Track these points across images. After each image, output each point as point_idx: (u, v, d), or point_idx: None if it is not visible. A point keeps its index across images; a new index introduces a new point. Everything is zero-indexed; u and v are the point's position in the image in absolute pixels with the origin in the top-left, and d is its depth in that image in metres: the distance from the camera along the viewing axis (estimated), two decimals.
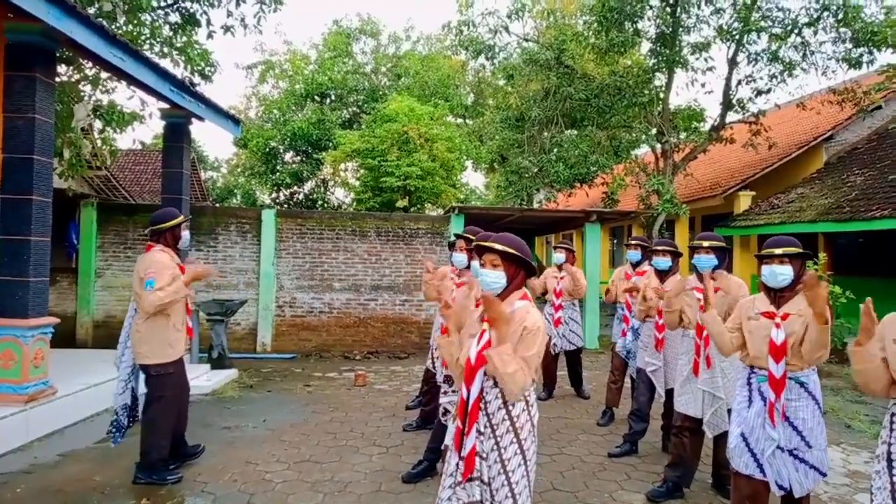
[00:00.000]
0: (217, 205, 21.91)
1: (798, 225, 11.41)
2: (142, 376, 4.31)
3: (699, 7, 12.02)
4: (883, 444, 2.59)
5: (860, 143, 13.88)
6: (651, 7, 11.84)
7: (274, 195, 21.59)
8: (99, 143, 11.21)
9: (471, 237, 4.10)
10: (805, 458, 3.14)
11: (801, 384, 3.19)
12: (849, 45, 11.42)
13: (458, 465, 2.54)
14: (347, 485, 4.28)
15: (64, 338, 8.53)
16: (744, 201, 14.05)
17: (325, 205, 21.50)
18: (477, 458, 2.49)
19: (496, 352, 2.44)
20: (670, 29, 11.85)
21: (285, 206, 20.94)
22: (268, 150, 20.28)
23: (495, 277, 2.59)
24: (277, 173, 20.59)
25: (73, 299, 9.48)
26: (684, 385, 4.24)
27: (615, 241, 21.63)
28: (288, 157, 21.39)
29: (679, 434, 4.20)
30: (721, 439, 4.22)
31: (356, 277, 10.18)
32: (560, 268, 6.86)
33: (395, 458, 4.83)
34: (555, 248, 7.01)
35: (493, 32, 12.98)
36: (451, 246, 6.29)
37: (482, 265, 2.65)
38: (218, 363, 7.88)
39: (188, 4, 10.75)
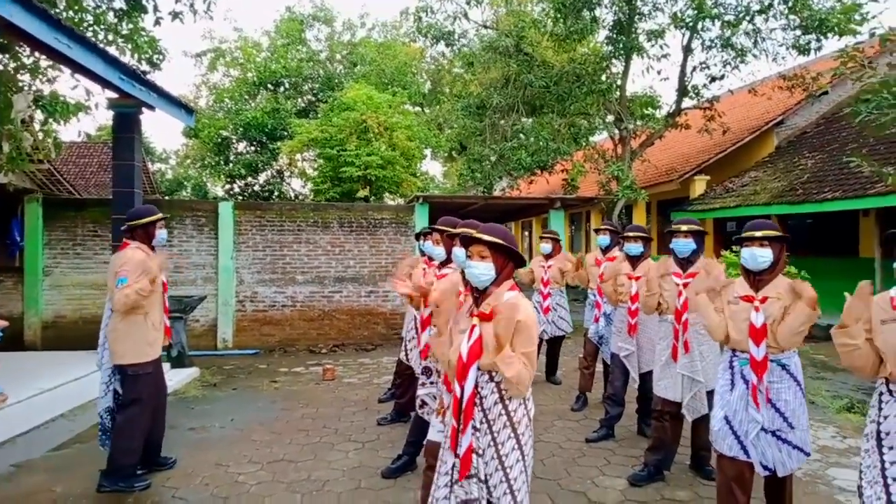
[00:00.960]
0: (167, 198, 21.14)
1: (753, 208, 11.72)
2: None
3: None
4: (872, 422, 2.63)
5: (809, 127, 14.33)
6: None
7: (227, 187, 20.99)
8: (41, 135, 10.65)
9: (447, 228, 3.99)
10: (788, 438, 3.18)
11: (783, 366, 3.22)
12: (798, 32, 11.73)
13: (454, 464, 2.46)
14: (325, 483, 4.16)
15: (11, 340, 8.07)
16: (699, 186, 14.35)
17: (282, 196, 21.03)
18: (474, 456, 2.42)
19: (500, 359, 2.37)
20: (626, 16, 11.95)
21: (240, 197, 20.40)
22: (220, 140, 19.68)
23: (484, 269, 2.51)
24: (231, 164, 20.02)
25: (20, 300, 8.99)
26: (663, 370, 4.26)
27: (574, 228, 21.90)
28: (241, 147, 20.81)
29: (660, 418, 4.22)
30: (700, 422, 4.26)
31: (319, 269, 9.97)
32: (547, 257, 6.87)
33: (372, 454, 4.72)
34: (541, 237, 7.03)
35: (453, 18, 12.86)
36: (419, 236, 6.22)
37: (469, 257, 2.56)
38: (178, 362, 7.60)
39: None
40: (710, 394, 4.23)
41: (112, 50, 9.38)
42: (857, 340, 2.59)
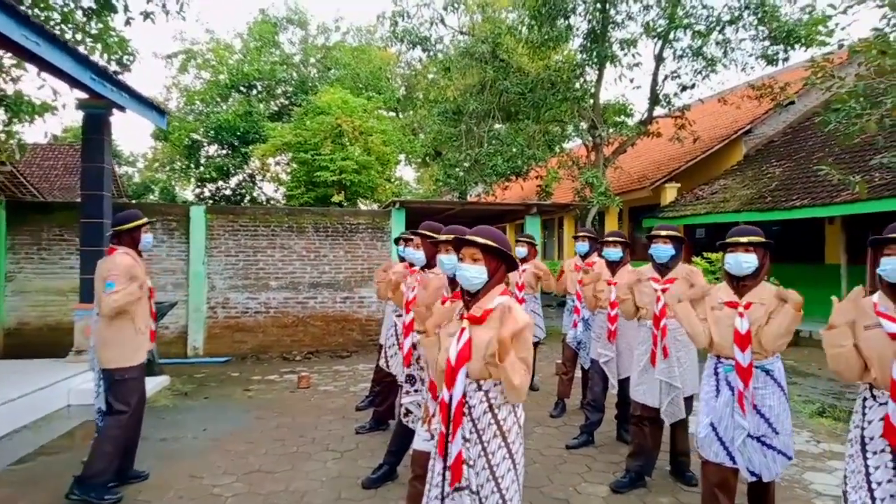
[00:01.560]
0: (134, 201, 20.68)
1: (723, 215, 11.94)
2: None
3: (627, 3, 12.32)
4: (856, 427, 2.65)
5: (776, 136, 14.68)
6: (583, 3, 12.02)
7: (198, 191, 20.61)
8: (3, 136, 10.32)
9: (430, 234, 3.94)
10: (773, 443, 3.20)
11: (767, 372, 3.25)
12: (766, 43, 12.03)
13: (444, 473, 2.40)
14: (304, 495, 4.06)
15: None
16: (670, 193, 14.58)
17: (253, 200, 20.73)
18: (464, 467, 2.37)
19: (509, 363, 2.31)
20: (600, 25, 12.09)
21: (211, 201, 20.05)
22: (190, 143, 19.31)
23: (476, 272, 2.47)
24: (201, 168, 19.66)
25: None
26: (642, 375, 4.27)
27: (546, 233, 22.03)
28: (212, 150, 20.46)
29: (638, 424, 4.23)
30: (678, 427, 4.29)
31: (294, 275, 9.82)
32: (522, 261, 6.82)
33: (351, 463, 4.63)
34: (516, 241, 6.97)
35: (429, 24, 12.86)
36: (398, 241, 6.16)
37: (461, 259, 2.52)
38: (147, 370, 7.34)
39: None
40: (688, 400, 4.29)
41: (80, 50, 9.15)
42: (844, 342, 2.61)
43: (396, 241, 6.28)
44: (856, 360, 2.60)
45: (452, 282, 3.13)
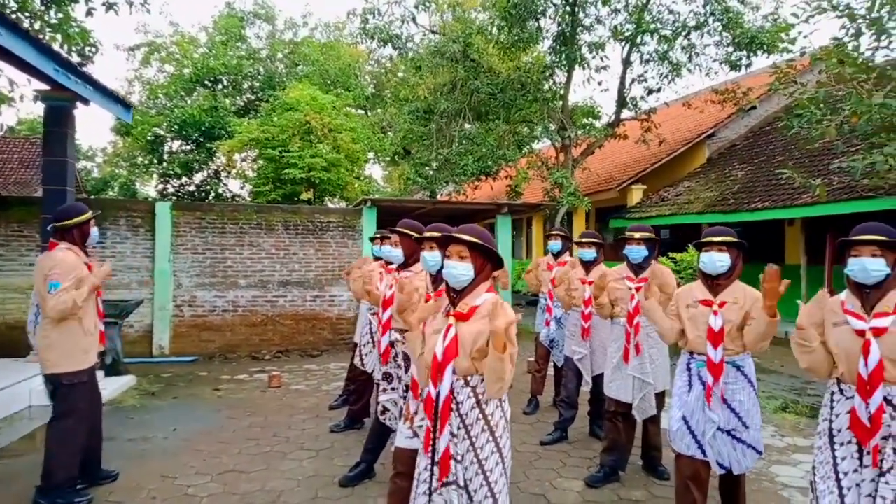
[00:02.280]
0: (93, 197, 20.12)
1: (687, 216, 12.23)
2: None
3: (596, 7, 12.51)
4: (824, 420, 2.76)
5: (738, 140, 15.09)
6: (553, 5, 12.15)
7: (161, 187, 20.14)
8: None
9: (409, 231, 3.95)
10: (743, 437, 3.30)
11: (738, 368, 3.35)
12: (730, 49, 12.34)
13: (431, 469, 2.42)
14: (281, 494, 4.02)
15: None
16: (636, 194, 14.86)
17: (218, 197, 20.36)
18: (452, 462, 2.39)
19: (509, 355, 2.33)
20: (569, 28, 12.24)
21: (175, 198, 19.62)
22: (153, 138, 18.86)
23: (463, 269, 2.49)
24: (165, 164, 19.23)
25: None
26: (615, 372, 4.35)
27: (515, 233, 22.19)
28: (176, 145, 20.02)
29: (613, 419, 4.31)
30: (650, 423, 4.39)
31: (263, 273, 9.69)
32: None
33: (327, 462, 4.61)
34: None
35: (402, 22, 12.84)
36: (374, 240, 6.14)
37: (448, 257, 2.54)
38: (113, 369, 7.20)
39: None
40: (659, 396, 4.40)
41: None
42: (812, 343, 2.72)
43: (372, 240, 6.26)
44: (825, 358, 2.71)
45: (436, 279, 3.15)
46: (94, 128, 67.72)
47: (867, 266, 2.66)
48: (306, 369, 8.24)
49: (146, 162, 20.58)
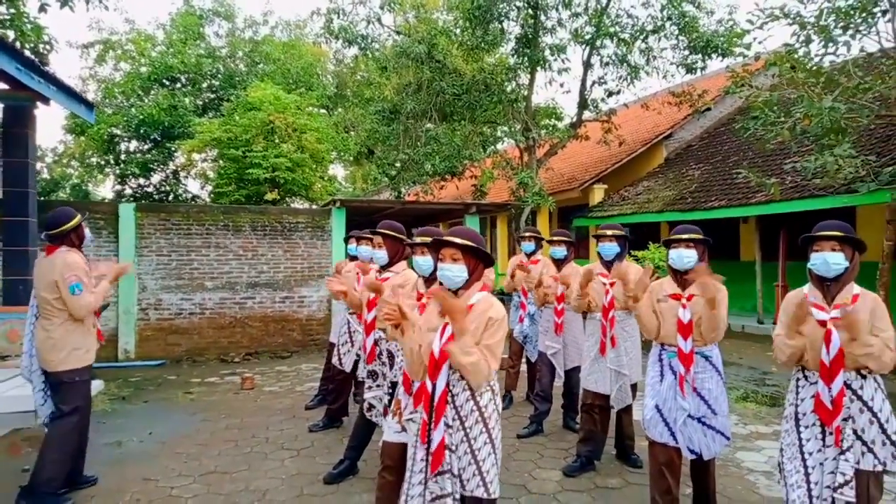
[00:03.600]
0: (42, 198, 19.48)
1: (648, 215, 12.60)
2: None
3: (558, 10, 12.76)
4: (790, 405, 2.98)
5: (694, 140, 15.60)
6: (516, 8, 12.35)
7: (118, 188, 19.61)
8: None
9: (393, 233, 4.02)
10: (712, 424, 3.50)
11: (706, 358, 3.55)
12: (686, 52, 12.75)
13: (427, 459, 2.52)
14: (266, 493, 4.06)
15: None
16: (598, 194, 15.21)
17: (178, 198, 19.95)
18: (446, 452, 2.50)
19: (457, 345, 2.47)
20: (532, 30, 12.45)
21: (133, 199, 19.14)
22: (108, 138, 18.35)
23: (457, 271, 2.60)
24: (122, 164, 18.73)
25: None
26: (592, 364, 4.53)
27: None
28: (133, 145, 19.53)
29: (590, 411, 4.48)
30: (624, 413, 4.58)
31: (231, 275, 9.60)
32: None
33: (309, 461, 4.65)
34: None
35: (367, 22, 12.85)
36: (348, 239, 6.19)
37: (441, 259, 2.65)
38: None
39: None
40: (633, 387, 4.59)
41: None
42: (796, 343, 2.93)
43: (346, 240, 6.31)
44: (801, 349, 2.92)
45: (428, 281, 3.25)
46: (42, 127, 65.25)
47: (828, 260, 2.88)
48: (278, 371, 8.21)
49: (101, 162, 19.99)
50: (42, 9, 9.96)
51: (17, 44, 9.61)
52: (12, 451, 5.01)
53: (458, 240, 2.61)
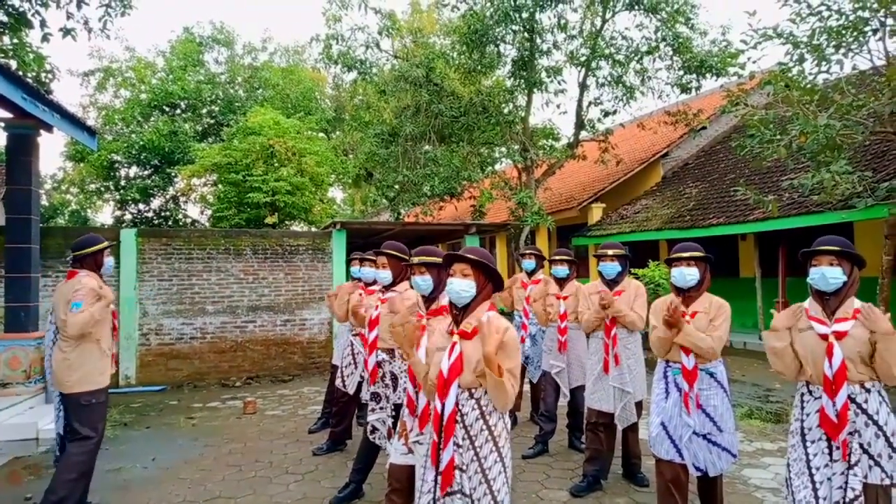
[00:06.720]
0: (41, 225, 19.55)
1: (647, 233, 12.64)
2: None
3: (553, 33, 12.94)
4: (796, 420, 2.98)
5: (690, 159, 15.71)
6: (512, 31, 12.53)
7: (118, 213, 19.69)
8: None
9: (397, 254, 4.06)
10: (717, 441, 3.50)
11: (711, 374, 3.56)
12: (680, 73, 12.91)
13: (436, 479, 2.52)
14: None
15: None
16: (596, 212, 15.28)
17: (177, 223, 20.03)
18: (456, 472, 2.50)
19: (507, 378, 2.46)
20: (528, 53, 12.62)
21: (133, 224, 19.21)
22: (108, 164, 18.47)
23: (466, 286, 2.62)
24: (123, 190, 18.83)
25: None
26: (596, 383, 4.53)
27: None
28: (133, 171, 19.65)
29: (594, 430, 4.47)
30: (630, 431, 4.57)
31: (231, 299, 9.60)
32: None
33: (314, 485, 4.62)
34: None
35: (366, 48, 13.03)
36: (351, 261, 6.22)
37: (451, 275, 2.67)
38: None
39: (16, 2, 9.58)
40: (638, 405, 4.58)
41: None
42: (782, 343, 2.95)
43: (350, 262, 6.34)
44: (792, 360, 2.94)
45: (427, 300, 3.26)
46: (42, 153, 65.67)
47: (826, 274, 2.91)
48: (280, 394, 8.18)
49: (101, 188, 20.10)
50: (45, 38, 10.12)
51: (20, 73, 9.72)
52: (13, 479, 4.98)
53: (469, 255, 2.64)
